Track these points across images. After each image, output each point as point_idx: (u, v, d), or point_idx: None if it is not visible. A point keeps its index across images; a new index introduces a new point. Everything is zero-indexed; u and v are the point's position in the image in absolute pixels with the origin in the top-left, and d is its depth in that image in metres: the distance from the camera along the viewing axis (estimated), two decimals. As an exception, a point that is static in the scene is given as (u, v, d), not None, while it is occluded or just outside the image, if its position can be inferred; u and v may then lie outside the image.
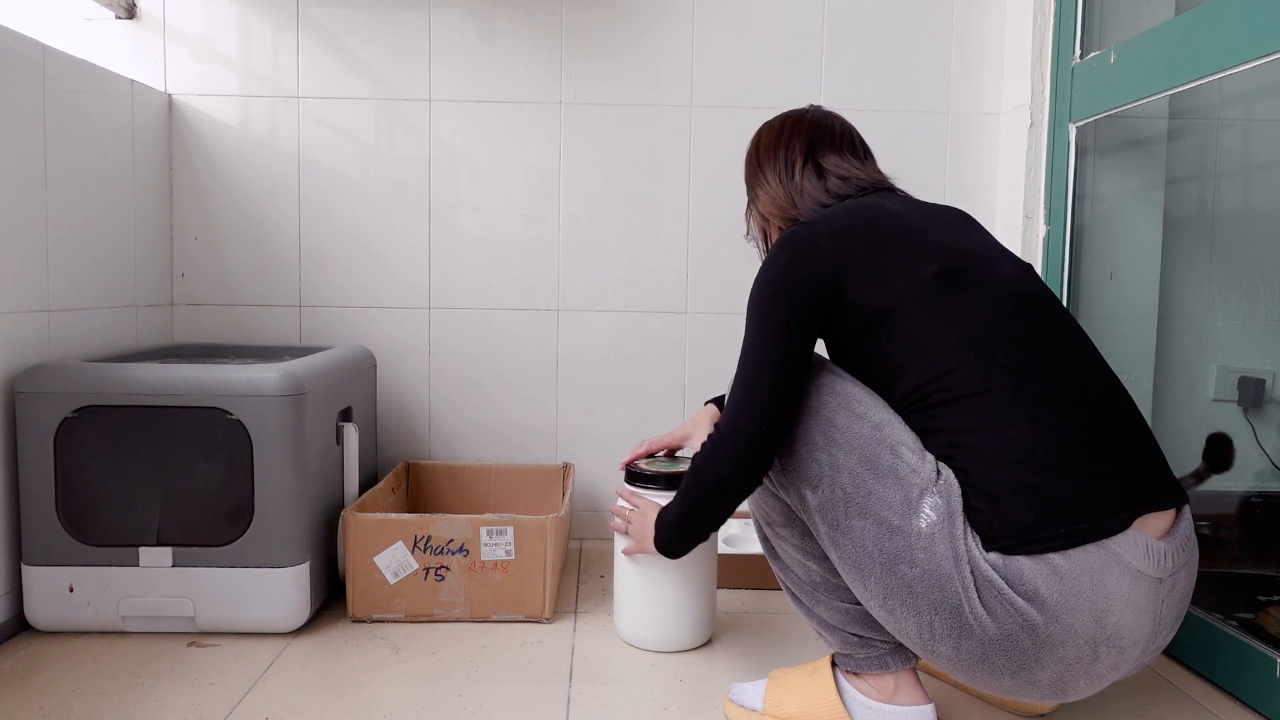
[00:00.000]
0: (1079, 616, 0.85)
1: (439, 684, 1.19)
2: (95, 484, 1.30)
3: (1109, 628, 0.86)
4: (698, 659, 1.29)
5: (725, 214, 1.84)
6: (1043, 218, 1.67)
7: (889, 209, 1.04)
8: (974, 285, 0.96)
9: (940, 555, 0.88)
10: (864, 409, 0.96)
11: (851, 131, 1.18)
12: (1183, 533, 0.92)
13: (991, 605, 0.86)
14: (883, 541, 0.91)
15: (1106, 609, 0.85)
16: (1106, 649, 0.87)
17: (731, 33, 1.81)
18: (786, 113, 1.20)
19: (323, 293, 1.82)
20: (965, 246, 1.00)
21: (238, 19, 1.78)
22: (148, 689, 1.16)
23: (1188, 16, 1.29)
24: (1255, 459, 1.68)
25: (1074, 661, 0.87)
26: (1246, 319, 1.69)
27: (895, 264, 0.97)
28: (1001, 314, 0.95)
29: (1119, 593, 0.86)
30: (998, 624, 0.86)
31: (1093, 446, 0.90)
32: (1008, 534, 0.86)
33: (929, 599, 0.89)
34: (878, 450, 0.93)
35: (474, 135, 1.81)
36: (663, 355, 1.86)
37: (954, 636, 0.89)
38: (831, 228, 1.01)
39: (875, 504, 0.92)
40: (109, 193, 1.57)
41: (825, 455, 0.95)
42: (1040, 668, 0.88)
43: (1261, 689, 1.14)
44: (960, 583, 0.87)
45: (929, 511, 0.89)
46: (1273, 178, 1.68)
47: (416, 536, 1.38)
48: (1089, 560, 0.85)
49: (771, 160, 1.16)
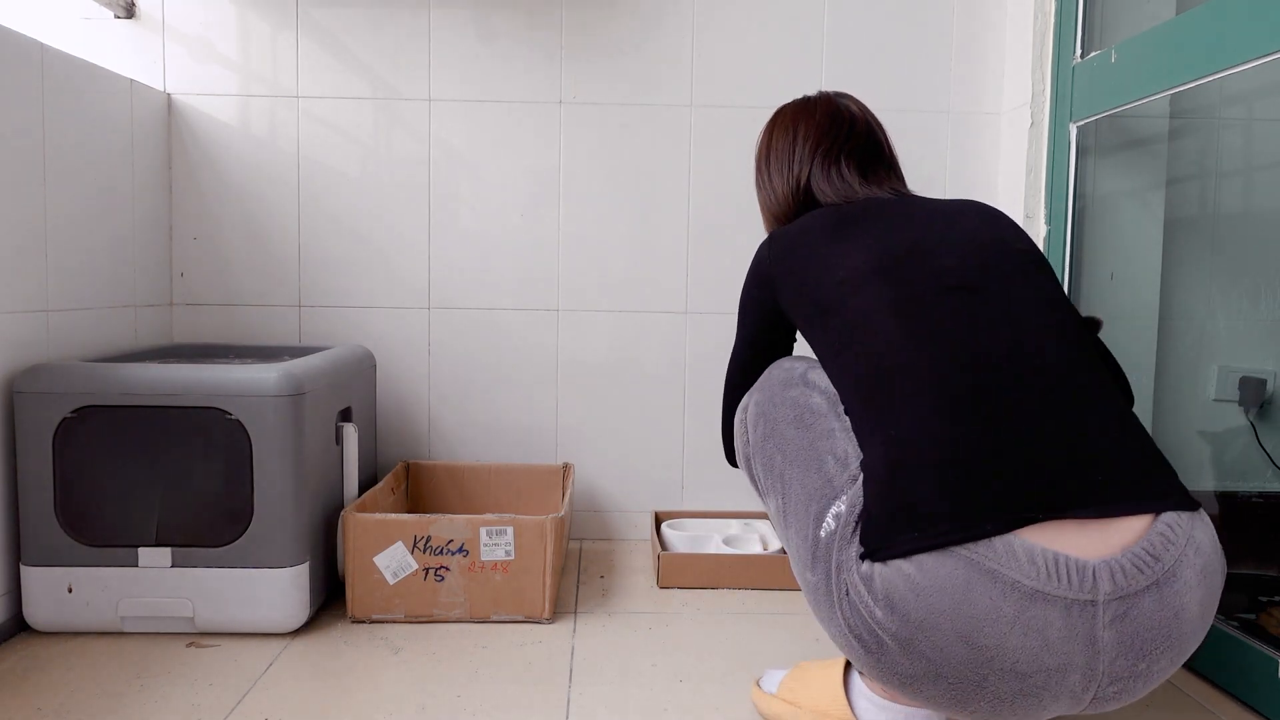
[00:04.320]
0: (943, 635, 0.80)
1: (439, 684, 1.19)
2: (94, 484, 1.30)
3: (987, 650, 0.79)
4: (697, 660, 1.29)
5: (725, 214, 1.84)
6: (1043, 217, 1.67)
7: (857, 209, 1.05)
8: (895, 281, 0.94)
9: (831, 564, 0.89)
10: (813, 419, 0.99)
11: (865, 131, 1.16)
12: (1145, 548, 0.80)
13: (857, 613, 0.85)
14: (799, 550, 0.95)
15: (974, 630, 0.79)
16: (997, 674, 0.80)
17: (731, 32, 1.81)
18: (796, 109, 1.20)
19: (322, 293, 1.82)
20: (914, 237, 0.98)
21: (237, 18, 1.77)
22: (147, 689, 1.16)
23: (1188, 16, 1.29)
24: (1255, 459, 1.68)
25: (958, 682, 0.82)
26: (1247, 319, 1.69)
27: (825, 263, 1.00)
28: (919, 309, 0.91)
29: (995, 614, 0.78)
30: (865, 632, 0.85)
31: (982, 450, 0.83)
32: (870, 541, 0.85)
33: (822, 607, 0.91)
34: (808, 461, 0.96)
35: (474, 135, 1.81)
36: (663, 355, 1.85)
37: (843, 643, 0.90)
38: (778, 244, 1.08)
39: (798, 514, 0.95)
40: (108, 192, 1.57)
41: (777, 467, 1.00)
42: (925, 684, 0.84)
43: (1262, 689, 1.14)
44: (837, 590, 0.88)
45: (830, 521, 0.90)
46: (1273, 178, 1.68)
47: (416, 537, 1.37)
48: (950, 577, 0.79)
49: (780, 165, 1.18)
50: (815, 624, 1.43)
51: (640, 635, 1.37)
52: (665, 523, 1.76)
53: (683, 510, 1.86)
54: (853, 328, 0.94)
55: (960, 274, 0.94)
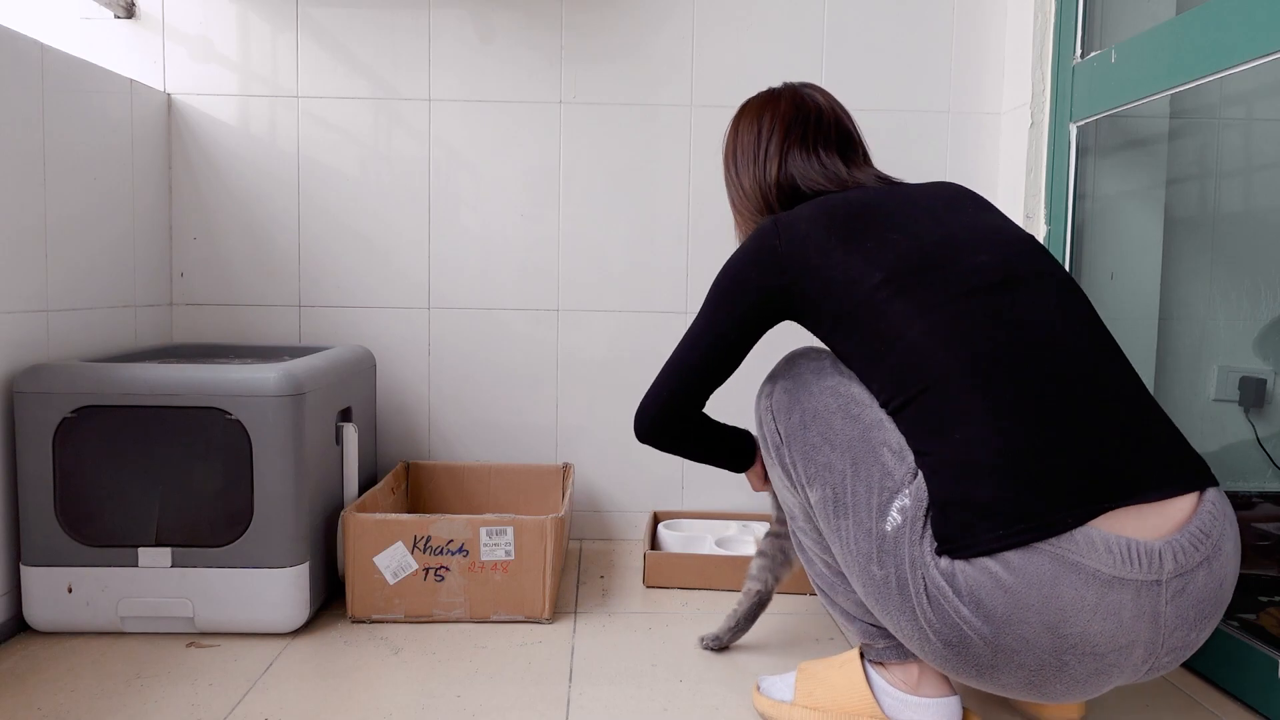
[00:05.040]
0: (1030, 628, 0.84)
1: (439, 684, 1.19)
2: (94, 484, 1.30)
3: (1071, 638, 0.84)
4: (697, 660, 1.29)
5: (725, 213, 1.83)
6: (1043, 217, 1.67)
7: (860, 203, 1.04)
8: (930, 285, 0.95)
9: (902, 559, 0.90)
10: (860, 410, 0.98)
11: (826, 117, 1.16)
12: (1199, 526, 0.86)
13: (941, 611, 0.87)
14: (860, 542, 0.94)
15: (1062, 620, 0.83)
16: (1076, 656, 0.85)
17: (731, 32, 1.81)
18: (760, 102, 1.19)
19: (322, 292, 1.82)
20: (937, 236, 0.99)
21: (237, 18, 1.77)
22: (147, 690, 1.16)
23: (1188, 16, 1.29)
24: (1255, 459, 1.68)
25: (1038, 668, 0.86)
26: (1248, 319, 1.69)
27: (847, 269, 0.98)
28: (957, 310, 0.93)
29: (1080, 603, 0.83)
30: (947, 629, 0.87)
31: (1052, 444, 0.87)
32: (949, 539, 0.87)
33: (893, 601, 0.91)
34: (863, 452, 0.95)
35: (474, 135, 1.81)
36: (663, 355, 1.85)
37: (918, 640, 0.91)
38: (792, 232, 1.03)
39: (858, 504, 0.94)
40: (108, 192, 1.57)
41: (823, 456, 0.98)
42: (1002, 673, 0.88)
43: (1262, 689, 1.14)
44: (913, 586, 0.89)
45: (895, 515, 0.91)
46: (1273, 178, 1.68)
47: (416, 537, 1.37)
48: (1039, 573, 0.83)
49: (748, 165, 1.16)
50: (813, 625, 1.43)
51: (640, 635, 1.37)
52: (662, 523, 1.76)
53: (682, 511, 1.86)
54: (895, 331, 0.95)
55: (993, 272, 0.96)
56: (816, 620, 1.45)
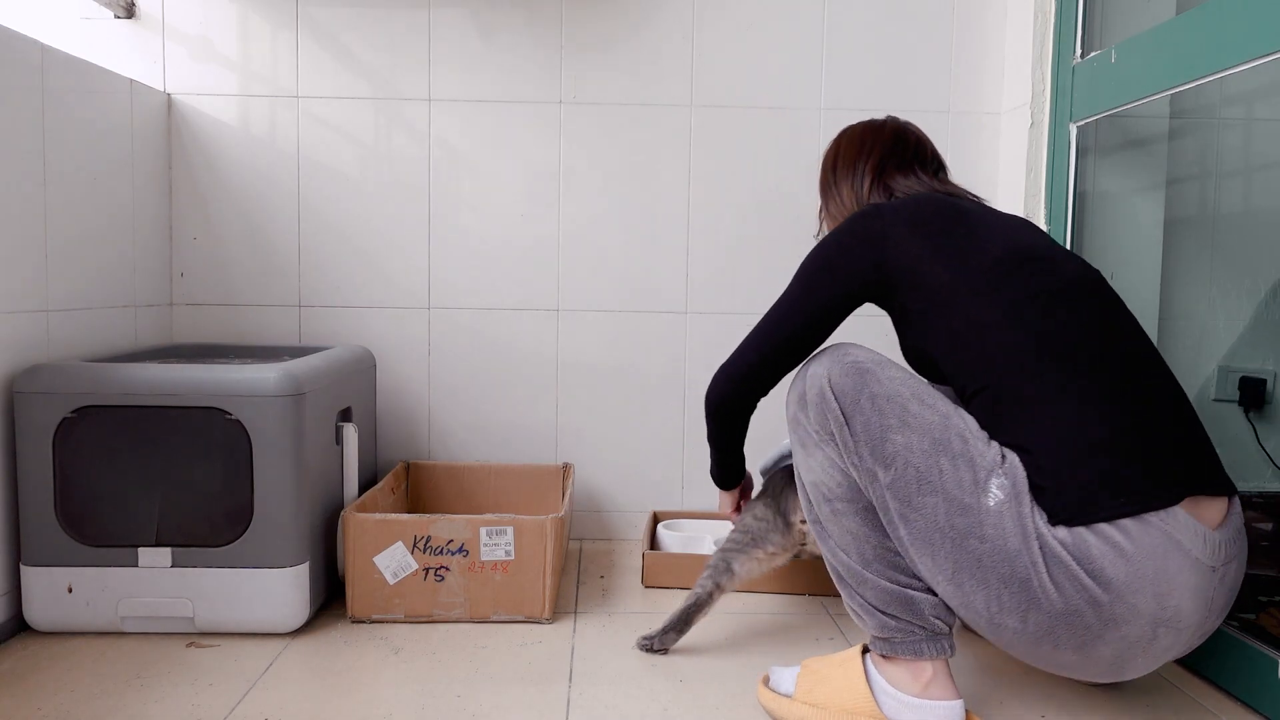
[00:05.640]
0: (1143, 598, 0.91)
1: (439, 684, 1.19)
2: (94, 484, 1.30)
3: (1170, 610, 0.92)
4: (697, 660, 1.29)
5: (725, 213, 1.84)
6: (1043, 217, 1.67)
7: (955, 203, 1.13)
8: (1031, 276, 1.04)
9: (1009, 531, 0.94)
10: (933, 400, 1.02)
11: (924, 145, 1.28)
12: (1234, 525, 0.98)
13: (1059, 580, 0.92)
14: (953, 518, 0.96)
15: (1168, 591, 0.91)
16: (1165, 630, 0.93)
17: (731, 32, 1.81)
18: (865, 127, 1.29)
19: (322, 293, 1.82)
20: (1029, 242, 1.08)
21: (237, 18, 1.77)
22: (147, 690, 1.16)
23: (1188, 16, 1.29)
24: (1256, 459, 1.68)
25: (1135, 640, 0.93)
26: (1248, 319, 1.69)
27: (953, 251, 1.06)
28: (1057, 304, 1.02)
29: (1180, 577, 0.92)
30: (1064, 598, 0.92)
31: (1143, 430, 0.96)
32: (1064, 509, 0.92)
33: (998, 573, 0.94)
34: (947, 436, 0.99)
35: (474, 135, 1.81)
36: (663, 355, 1.85)
37: (1021, 610, 0.94)
38: (895, 215, 1.11)
39: (946, 482, 0.97)
40: (108, 192, 1.57)
41: (900, 437, 1.00)
42: (1103, 644, 0.93)
43: (1262, 689, 1.14)
44: (1029, 557, 0.93)
45: (996, 491, 0.95)
46: (1273, 178, 1.68)
47: (416, 537, 1.37)
48: (1152, 544, 0.91)
49: (847, 176, 1.26)
50: (813, 626, 1.43)
51: (640, 635, 1.37)
52: (661, 523, 1.76)
53: (682, 510, 1.86)
54: (980, 320, 1.03)
55: (1067, 279, 1.06)
56: (817, 620, 1.45)
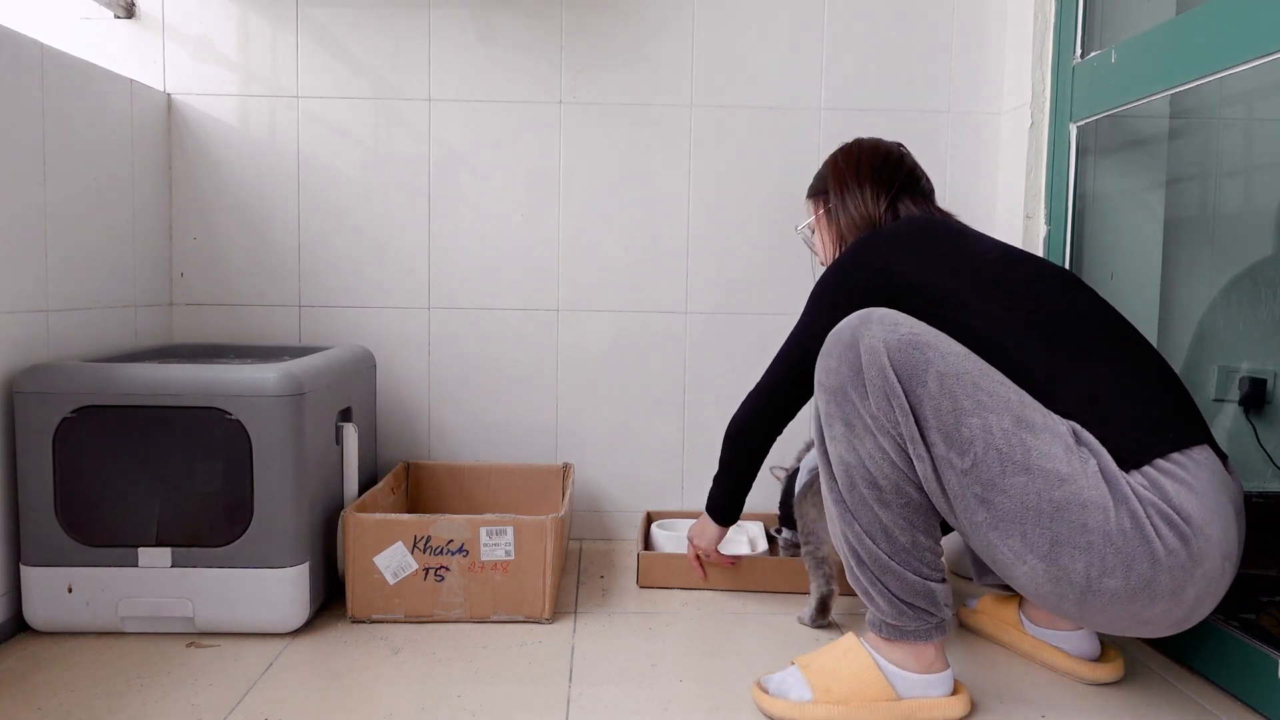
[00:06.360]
0: (1215, 529, 0.96)
1: (439, 684, 1.19)
2: (94, 484, 1.30)
3: (1231, 541, 0.98)
4: (697, 660, 1.29)
5: (725, 214, 1.84)
6: (1043, 218, 1.67)
7: (945, 221, 1.25)
8: (1022, 271, 1.14)
9: (1108, 490, 0.96)
10: (994, 372, 1.03)
11: (921, 172, 1.37)
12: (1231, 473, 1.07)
13: (1157, 523, 0.95)
14: (1050, 491, 0.97)
15: (1227, 523, 0.98)
16: (1228, 564, 0.99)
17: (732, 32, 1.81)
18: (889, 150, 1.36)
19: (322, 292, 1.82)
20: (1013, 249, 1.19)
21: (237, 18, 1.77)
22: (147, 690, 1.16)
23: (1188, 16, 1.29)
24: (1255, 459, 1.68)
25: (1212, 577, 0.97)
26: (1248, 319, 1.69)
27: (951, 258, 1.15)
28: (1052, 291, 1.11)
29: (1229, 509, 0.99)
30: (1163, 542, 0.95)
31: (1156, 382, 1.05)
32: (1127, 453, 0.98)
33: (1103, 532, 0.95)
34: (1025, 411, 1.00)
35: (474, 135, 1.81)
36: (663, 355, 1.85)
37: (1125, 566, 0.95)
38: (895, 235, 1.21)
39: (1036, 458, 0.98)
40: (108, 192, 1.57)
41: (977, 420, 1.00)
42: (1191, 584, 0.97)
43: (1262, 689, 1.14)
44: (1129, 507, 0.96)
45: (1090, 455, 0.98)
46: (1273, 178, 1.68)
47: (416, 537, 1.37)
48: (1206, 478, 0.97)
49: (867, 187, 1.32)
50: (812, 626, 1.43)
51: (640, 635, 1.37)
52: (656, 523, 1.76)
53: (682, 510, 1.86)
54: (1020, 297, 1.10)
55: (1061, 274, 1.16)
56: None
